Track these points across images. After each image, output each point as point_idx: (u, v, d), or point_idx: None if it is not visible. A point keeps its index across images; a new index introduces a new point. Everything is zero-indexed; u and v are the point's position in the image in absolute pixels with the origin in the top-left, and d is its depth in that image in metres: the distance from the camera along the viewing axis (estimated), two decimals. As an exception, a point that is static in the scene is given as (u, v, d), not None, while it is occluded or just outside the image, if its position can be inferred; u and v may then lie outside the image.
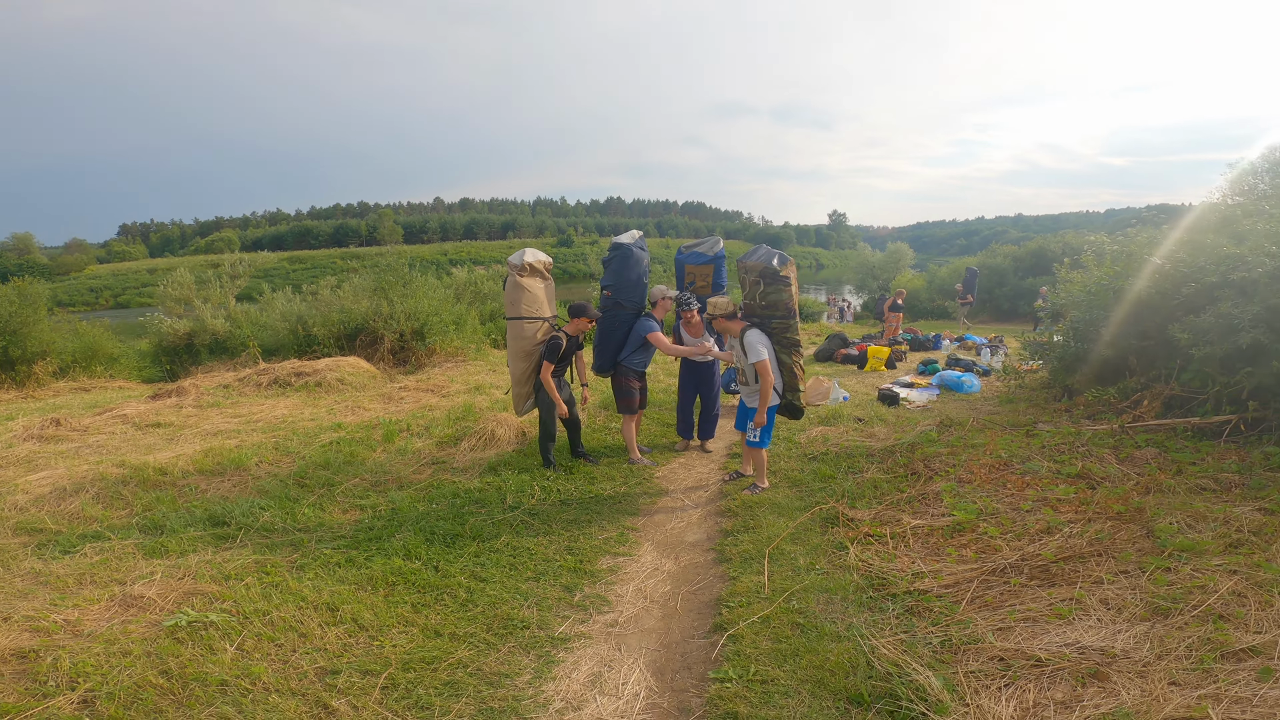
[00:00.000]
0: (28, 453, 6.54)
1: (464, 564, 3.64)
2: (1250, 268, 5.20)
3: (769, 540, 3.75)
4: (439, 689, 2.53)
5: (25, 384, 12.86)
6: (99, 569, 3.70)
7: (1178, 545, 3.02)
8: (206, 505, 4.58)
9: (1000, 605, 2.74)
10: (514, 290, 5.20)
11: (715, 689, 2.44)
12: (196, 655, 2.69)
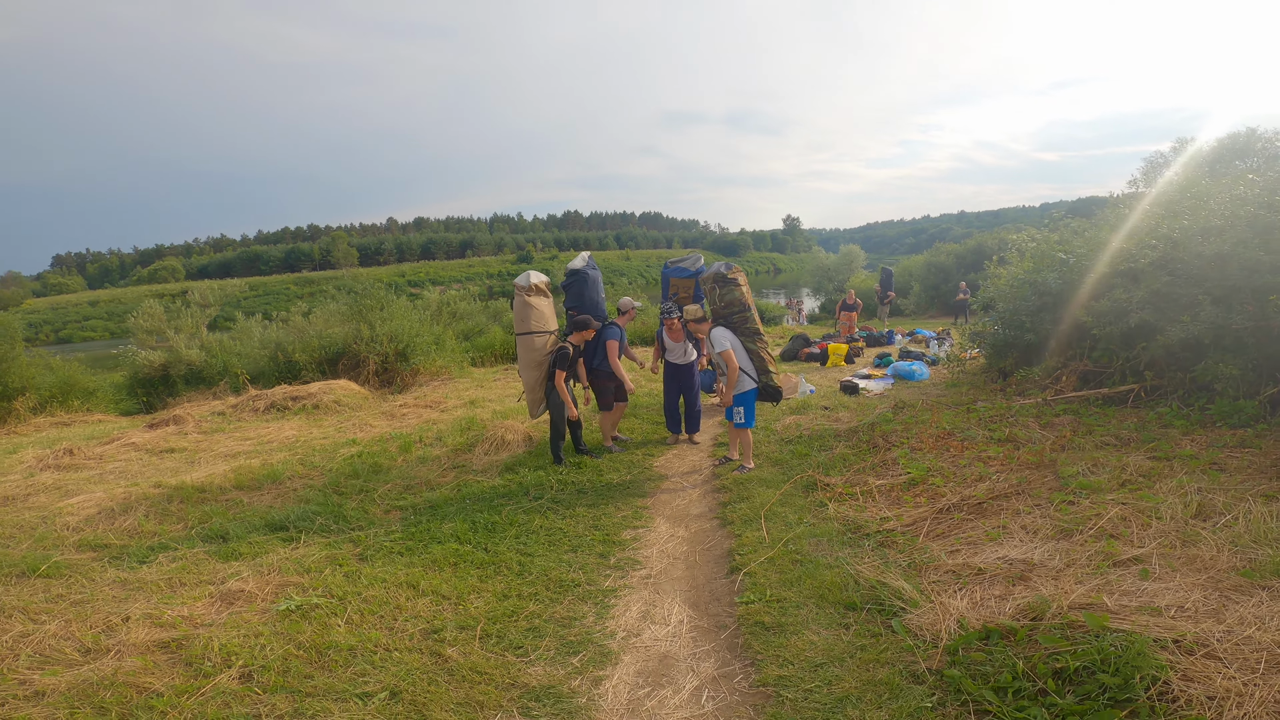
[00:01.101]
0: (53, 480, 6.85)
1: (509, 544, 4.28)
2: (1135, 259, 6.26)
3: (762, 506, 4.52)
4: (524, 634, 3.18)
5: (6, 420, 12.77)
6: (183, 574, 4.16)
7: (1079, 485, 3.91)
8: (261, 514, 5.10)
9: (948, 535, 3.56)
10: (523, 308, 5.87)
11: (742, 609, 3.17)
12: (316, 630, 3.21)
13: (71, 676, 2.88)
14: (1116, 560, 3.04)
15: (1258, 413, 5.05)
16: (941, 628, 2.67)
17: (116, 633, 3.31)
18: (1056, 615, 2.53)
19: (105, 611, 3.57)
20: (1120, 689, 2.11)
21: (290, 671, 2.89)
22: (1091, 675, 2.18)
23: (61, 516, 5.55)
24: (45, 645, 3.22)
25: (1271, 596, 2.61)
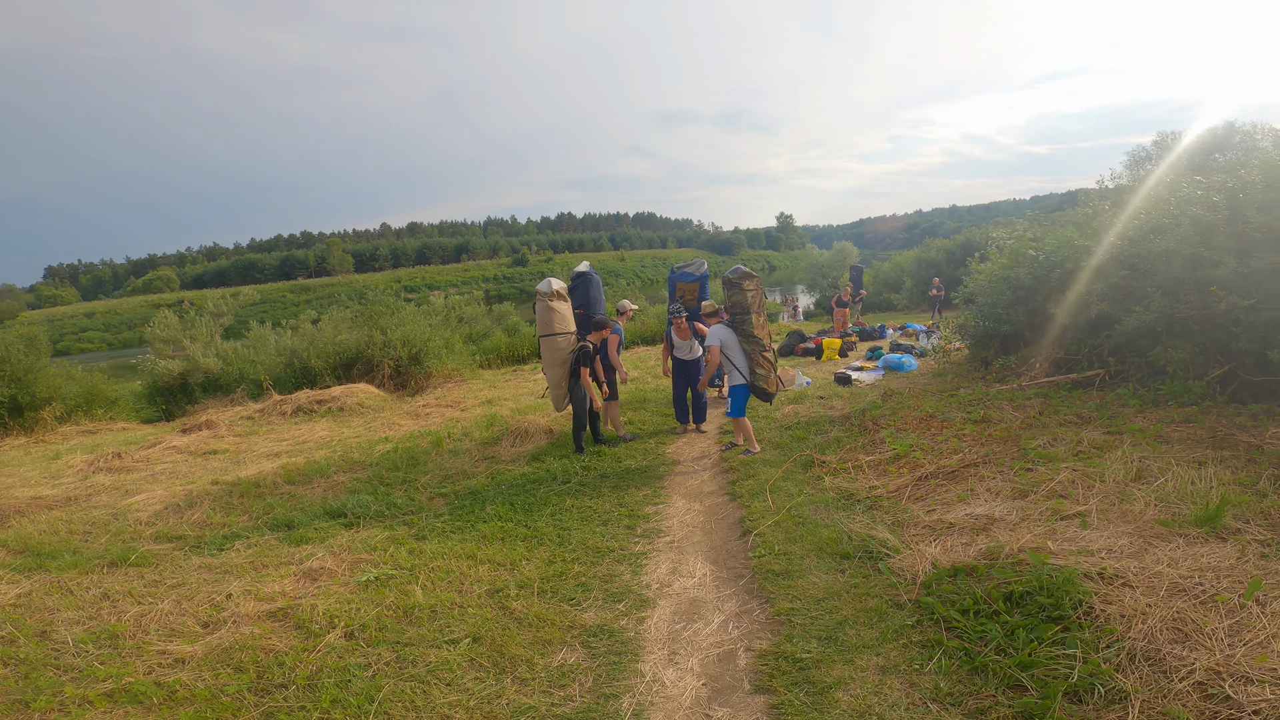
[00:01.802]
0: (109, 482, 7.42)
1: (546, 521, 4.89)
2: (1095, 255, 6.92)
3: (766, 482, 5.15)
4: (574, 589, 3.79)
5: (34, 430, 13.20)
6: (262, 557, 4.68)
7: (1038, 455, 4.55)
8: (318, 504, 5.69)
9: (926, 498, 4.20)
10: (546, 313, 6.49)
11: (755, 561, 3.80)
12: (397, 595, 3.77)
13: (203, 645, 3.37)
14: (1063, 515, 3.68)
15: (1205, 391, 5.70)
16: (919, 568, 3.30)
17: (226, 607, 3.82)
18: (1009, 556, 3.17)
19: (206, 591, 4.07)
20: (1054, 608, 2.73)
21: (385, 628, 3.47)
22: (1033, 599, 2.81)
23: (131, 513, 6.12)
24: (166, 621, 3.71)
25: (1187, 542, 3.24)
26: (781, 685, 2.67)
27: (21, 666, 3.25)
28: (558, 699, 2.78)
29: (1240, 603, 2.53)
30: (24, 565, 4.93)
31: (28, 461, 9.67)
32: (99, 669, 3.19)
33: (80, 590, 4.27)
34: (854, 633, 2.95)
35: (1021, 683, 2.39)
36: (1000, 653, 2.56)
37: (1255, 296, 5.42)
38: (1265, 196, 5.97)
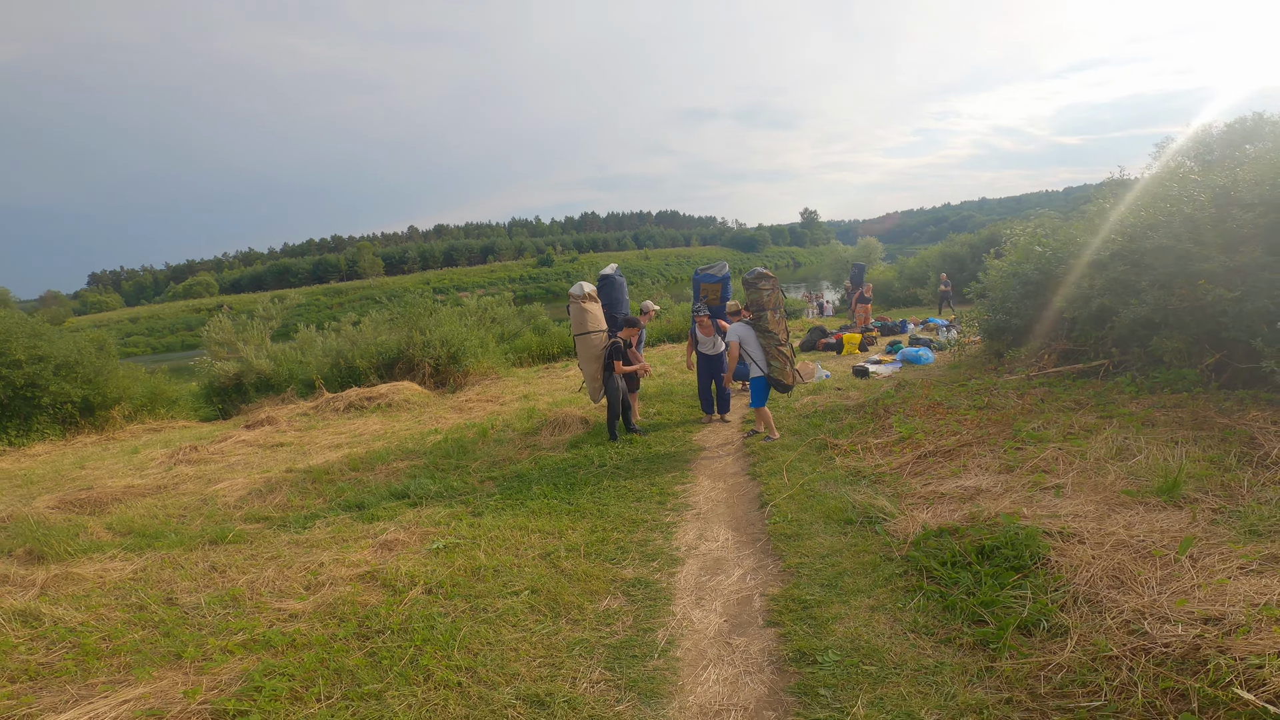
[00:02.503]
0: (191, 472, 8.26)
1: (586, 498, 5.52)
2: (1098, 251, 7.32)
3: (783, 463, 5.72)
4: (615, 551, 4.41)
5: (104, 428, 14.26)
6: (341, 532, 5.37)
7: (1029, 436, 5.04)
8: (383, 488, 6.40)
9: (924, 473, 4.74)
10: (580, 314, 7.14)
11: (770, 527, 4.39)
12: (464, 559, 4.39)
13: (310, 602, 3.99)
14: (1043, 486, 4.19)
15: (1197, 379, 6.10)
16: (910, 530, 3.85)
17: (321, 573, 4.45)
18: (986, 519, 3.70)
19: (301, 562, 4.71)
20: (1017, 559, 3.27)
21: (457, 585, 4.09)
22: (1000, 552, 3.34)
23: (218, 498, 6.90)
24: (274, 586, 4.34)
25: (1147, 509, 3.73)
26: (788, 620, 3.25)
27: (161, 627, 3.84)
28: (605, 633, 3.40)
29: (1174, 557, 3.04)
30: (133, 545, 5.63)
31: (108, 456, 10.61)
32: (231, 624, 3.79)
33: (189, 564, 4.91)
34: (851, 581, 3.52)
35: (983, 618, 2.94)
36: (968, 595, 3.10)
37: (1240, 289, 5.81)
38: (1254, 193, 6.33)
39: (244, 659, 3.41)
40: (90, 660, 3.45)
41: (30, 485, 8.78)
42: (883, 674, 2.71)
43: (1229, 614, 2.44)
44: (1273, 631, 2.28)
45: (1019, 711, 2.36)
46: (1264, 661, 2.13)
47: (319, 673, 3.17)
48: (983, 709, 2.41)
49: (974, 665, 2.66)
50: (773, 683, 2.83)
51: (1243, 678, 2.12)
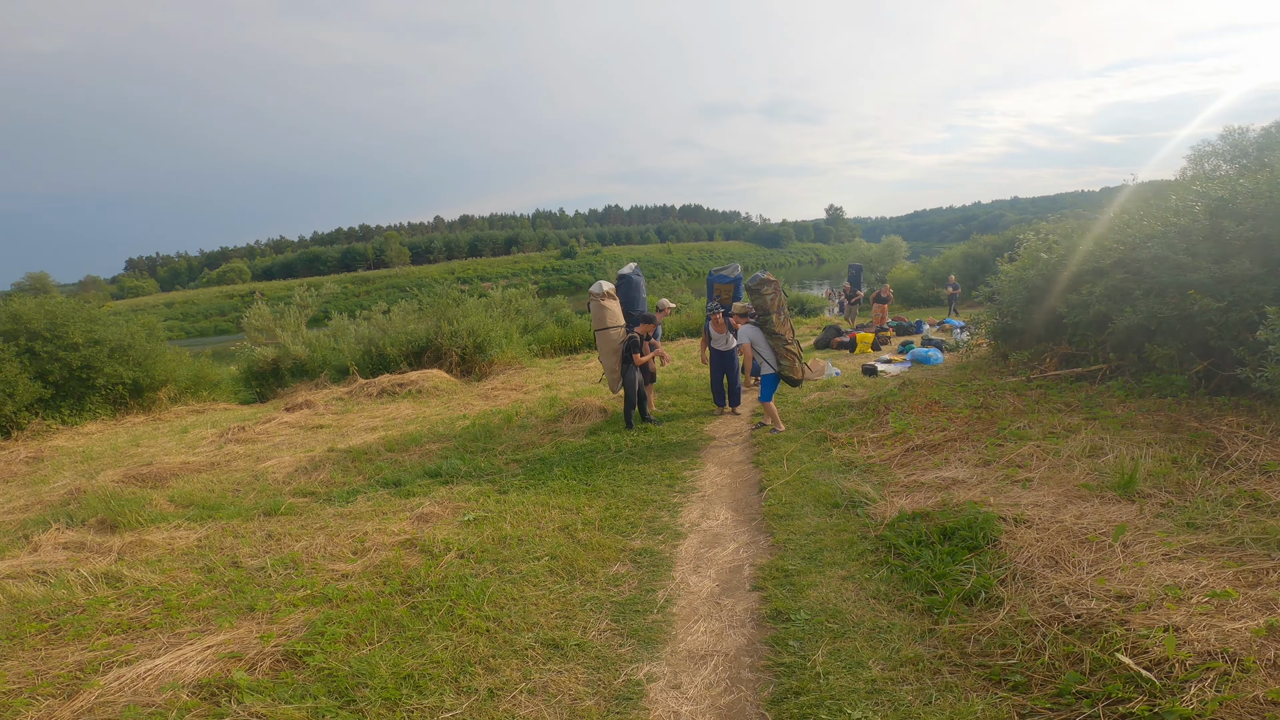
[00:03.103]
0: (240, 450, 8.96)
1: (602, 480, 6.04)
2: (1098, 259, 7.61)
3: (785, 453, 6.18)
4: (625, 526, 4.93)
5: (151, 409, 15.12)
6: (381, 507, 5.92)
7: (1013, 434, 5.44)
8: (417, 467, 7.00)
9: (909, 465, 5.17)
10: (599, 311, 7.66)
11: (765, 508, 4.87)
12: (492, 530, 4.92)
13: (359, 564, 4.52)
14: (1014, 480, 4.61)
15: (1186, 385, 6.41)
16: (888, 513, 4.30)
17: (366, 540, 4.97)
18: (954, 505, 4.14)
19: (347, 531, 5.25)
20: (972, 540, 3.71)
21: (487, 551, 4.62)
22: (959, 534, 3.79)
23: (268, 474, 7.54)
24: (325, 551, 4.88)
25: (1102, 502, 4.12)
26: (771, 585, 3.74)
27: (231, 585, 4.39)
28: (613, 593, 3.93)
29: (1109, 543, 3.45)
30: (195, 515, 6.26)
31: (159, 435, 11.40)
32: (292, 582, 4.33)
33: (248, 533, 5.47)
34: (829, 555, 4.00)
35: (934, 589, 3.39)
36: (925, 569, 3.56)
37: (1227, 299, 6.11)
38: (1250, 205, 6.58)
39: (306, 611, 3.96)
40: (174, 614, 4.01)
41: (90, 461, 9.55)
42: (843, 630, 3.19)
43: (1138, 593, 2.86)
44: (1167, 609, 2.70)
45: (947, 666, 2.82)
46: (1151, 634, 2.55)
47: (370, 621, 3.73)
48: (918, 662, 2.87)
49: (919, 627, 3.13)
50: (751, 635, 3.33)
51: (1130, 646, 2.54)
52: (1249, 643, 2.40)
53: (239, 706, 2.97)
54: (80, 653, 3.58)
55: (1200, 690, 2.26)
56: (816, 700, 2.70)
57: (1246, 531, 3.35)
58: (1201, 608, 2.65)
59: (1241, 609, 2.63)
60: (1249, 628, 2.46)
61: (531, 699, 2.96)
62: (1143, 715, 2.23)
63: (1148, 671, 2.38)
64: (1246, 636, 2.42)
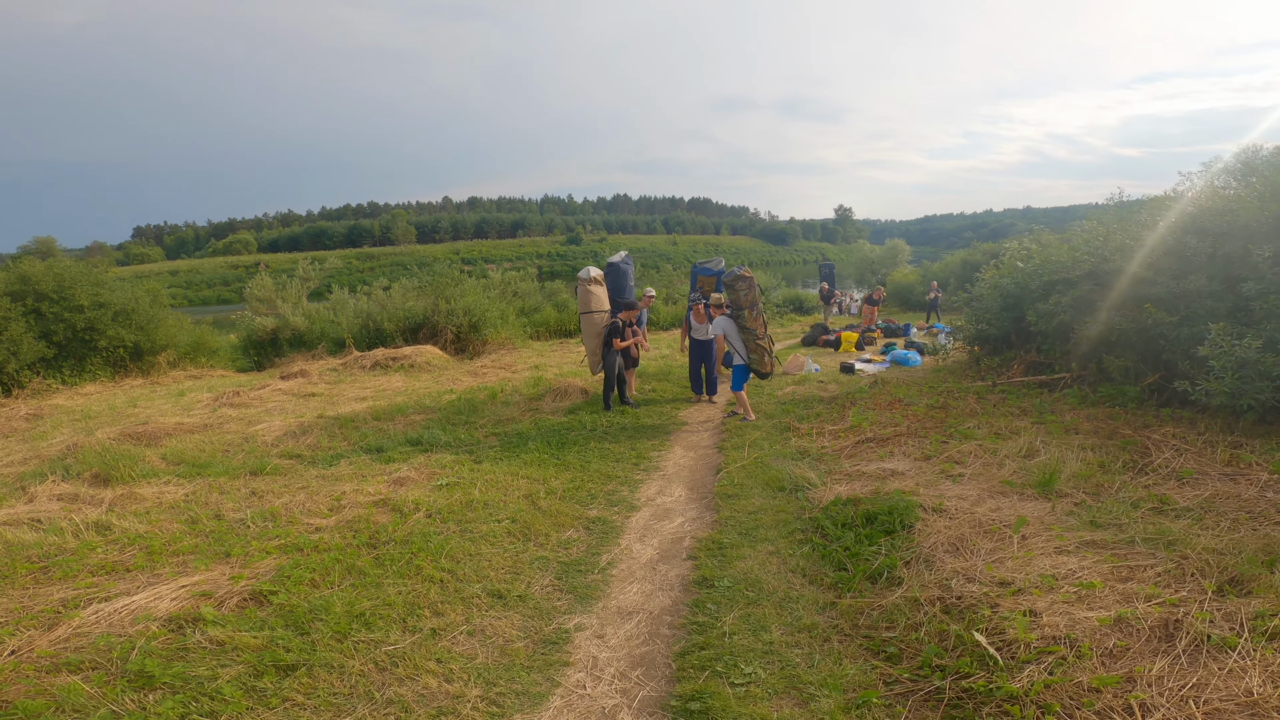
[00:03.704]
0: (234, 414, 9.27)
1: (573, 456, 6.34)
2: (1069, 270, 7.85)
3: (749, 440, 6.48)
4: (586, 497, 5.24)
5: (150, 372, 15.41)
6: (361, 470, 6.23)
7: (959, 433, 5.72)
8: (400, 435, 7.30)
9: (857, 456, 5.47)
10: (585, 295, 7.95)
11: (718, 488, 5.18)
12: (462, 494, 5.21)
13: (333, 520, 4.83)
14: (948, 474, 4.90)
15: (1137, 396, 6.67)
16: (825, 498, 4.60)
17: (343, 499, 5.28)
18: (884, 493, 4.43)
19: (326, 490, 5.57)
20: (891, 525, 4.00)
21: (454, 513, 4.92)
22: (880, 518, 4.08)
23: (258, 437, 7.85)
24: (304, 507, 5.17)
25: (1020, 498, 4.39)
26: (704, 555, 4.05)
27: (212, 535, 4.70)
28: (562, 554, 4.24)
29: (1010, 535, 3.73)
30: (185, 472, 6.53)
31: (157, 398, 11.73)
32: (269, 532, 4.65)
33: (233, 490, 5.77)
34: (763, 532, 4.31)
35: (845, 566, 3.69)
36: (843, 549, 3.86)
37: (1180, 314, 6.36)
38: (1215, 223, 6.80)
39: (278, 558, 4.27)
40: (156, 558, 4.31)
41: (88, 420, 9.87)
42: (757, 598, 3.49)
43: (1017, 580, 3.15)
44: (1034, 595, 2.99)
45: (837, 635, 3.12)
46: (1012, 617, 2.83)
47: (334, 568, 4.03)
48: (813, 629, 3.17)
49: (824, 599, 3.43)
50: (677, 598, 3.64)
51: (990, 627, 2.82)
52: (1093, 631, 2.67)
53: (201, 635, 3.28)
54: (65, 591, 3.87)
55: (1034, 672, 2.50)
56: (716, 655, 3.00)
57: (1140, 532, 3.63)
58: (1065, 596, 2.93)
59: (1103, 600, 2.91)
60: (1098, 618, 2.73)
61: (469, 639, 3.27)
62: (980, 690, 2.50)
63: (996, 651, 2.64)
64: (1093, 625, 2.69)
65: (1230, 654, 2.46)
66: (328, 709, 2.79)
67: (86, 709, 2.75)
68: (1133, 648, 2.57)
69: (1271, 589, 2.86)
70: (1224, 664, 2.41)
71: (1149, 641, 2.59)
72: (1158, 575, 3.09)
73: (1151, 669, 2.42)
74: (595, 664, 3.08)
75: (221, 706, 2.76)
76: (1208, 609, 2.73)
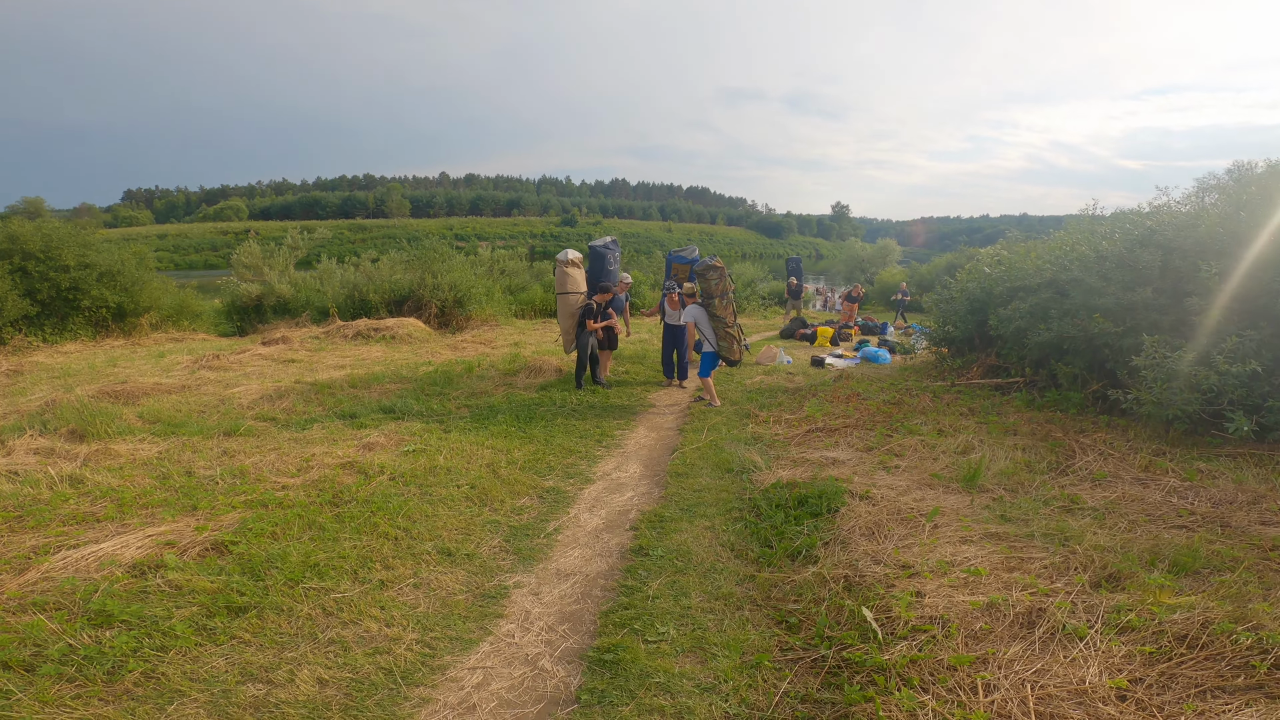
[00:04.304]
0: (212, 377, 9.42)
1: (539, 430, 6.58)
2: (1031, 278, 8.13)
3: (709, 424, 6.75)
4: (544, 469, 5.50)
5: (131, 334, 15.45)
6: (333, 434, 6.44)
7: (904, 428, 6.00)
8: (374, 403, 7.51)
9: (805, 444, 5.74)
10: (562, 276, 8.16)
11: (670, 467, 5.46)
12: (427, 460, 5.44)
13: (299, 480, 5.03)
14: (885, 465, 5.19)
15: (1080, 402, 6.97)
16: (766, 481, 4.88)
17: (311, 461, 5.50)
18: (820, 479, 4.71)
19: (296, 453, 5.76)
20: (818, 508, 4.28)
21: (417, 477, 5.15)
22: (810, 501, 4.37)
23: (234, 399, 8.02)
24: (273, 467, 5.38)
25: (944, 491, 4.66)
26: (645, 527, 4.32)
27: (181, 490, 4.88)
28: (513, 520, 4.49)
29: (923, 523, 4.01)
30: (159, 431, 6.71)
31: (137, 358, 11.82)
32: (237, 489, 4.86)
33: (206, 449, 5.96)
34: (704, 509, 4.59)
35: (770, 543, 3.98)
36: (771, 528, 4.14)
37: (1125, 324, 6.65)
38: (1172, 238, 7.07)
39: (242, 512, 4.48)
40: (126, 510, 4.50)
41: (68, 377, 9.97)
42: (684, 567, 3.77)
43: (917, 564, 3.42)
44: (925, 578, 3.26)
45: (749, 604, 3.39)
46: (901, 597, 3.09)
47: (295, 523, 4.25)
48: (729, 598, 3.45)
49: (744, 572, 3.71)
50: (613, 563, 3.91)
51: (879, 604, 3.07)
52: (965, 614, 2.93)
53: (161, 579, 3.50)
54: (37, 539, 4.05)
55: (905, 647, 2.73)
56: (637, 615, 3.27)
57: (1041, 527, 3.91)
58: (952, 581, 3.20)
59: (985, 586, 3.17)
60: (972, 601, 3.01)
61: (414, 590, 3.52)
62: (857, 660, 2.76)
63: (878, 626, 2.90)
64: (966, 608, 2.96)
65: (1078, 644, 2.72)
66: (272, 646, 3.03)
67: (47, 643, 2.95)
68: (995, 631, 2.83)
69: (1142, 586, 3.15)
70: (1070, 653, 2.67)
71: (1011, 626, 2.85)
72: (1043, 568, 3.36)
73: (1006, 652, 2.68)
74: (527, 618, 3.34)
75: (172, 641, 2.99)
76: (1073, 601, 3.01)
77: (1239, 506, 4.38)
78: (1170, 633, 2.76)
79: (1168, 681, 2.57)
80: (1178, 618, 2.82)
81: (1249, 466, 5.05)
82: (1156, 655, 2.66)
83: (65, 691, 2.68)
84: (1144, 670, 2.60)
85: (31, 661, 2.84)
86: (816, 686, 2.72)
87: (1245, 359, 5.44)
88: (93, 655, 2.86)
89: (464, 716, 2.66)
